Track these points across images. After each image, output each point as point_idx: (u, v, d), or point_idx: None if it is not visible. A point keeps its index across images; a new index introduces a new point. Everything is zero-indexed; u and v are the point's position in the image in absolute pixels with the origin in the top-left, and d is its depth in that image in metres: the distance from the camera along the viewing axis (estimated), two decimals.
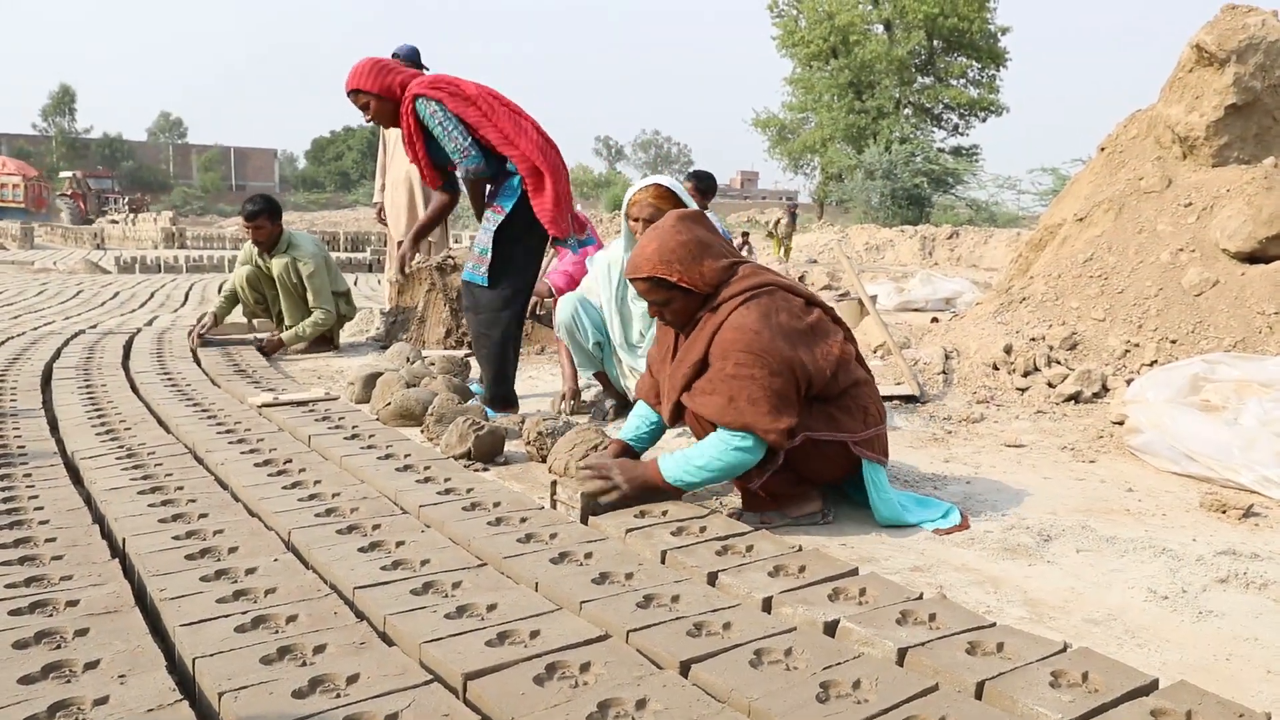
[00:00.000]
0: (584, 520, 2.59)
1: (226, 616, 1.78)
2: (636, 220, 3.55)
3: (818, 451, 2.65)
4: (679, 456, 2.61)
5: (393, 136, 7.15)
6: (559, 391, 4.40)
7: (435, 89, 3.98)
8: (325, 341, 6.33)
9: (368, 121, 4.22)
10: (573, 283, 5.53)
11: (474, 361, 5.50)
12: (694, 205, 3.57)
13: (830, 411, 2.66)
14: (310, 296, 6.05)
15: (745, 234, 24.01)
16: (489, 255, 4.09)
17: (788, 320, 2.59)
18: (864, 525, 2.73)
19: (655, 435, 2.93)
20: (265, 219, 5.94)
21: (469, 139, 3.98)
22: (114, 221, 30.93)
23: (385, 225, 7.58)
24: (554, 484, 2.76)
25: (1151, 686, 1.60)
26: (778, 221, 25.19)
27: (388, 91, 4.05)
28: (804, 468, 2.68)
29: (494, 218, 4.11)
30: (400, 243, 4.34)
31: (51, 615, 1.81)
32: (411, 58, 6.88)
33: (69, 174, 32.16)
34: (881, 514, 2.72)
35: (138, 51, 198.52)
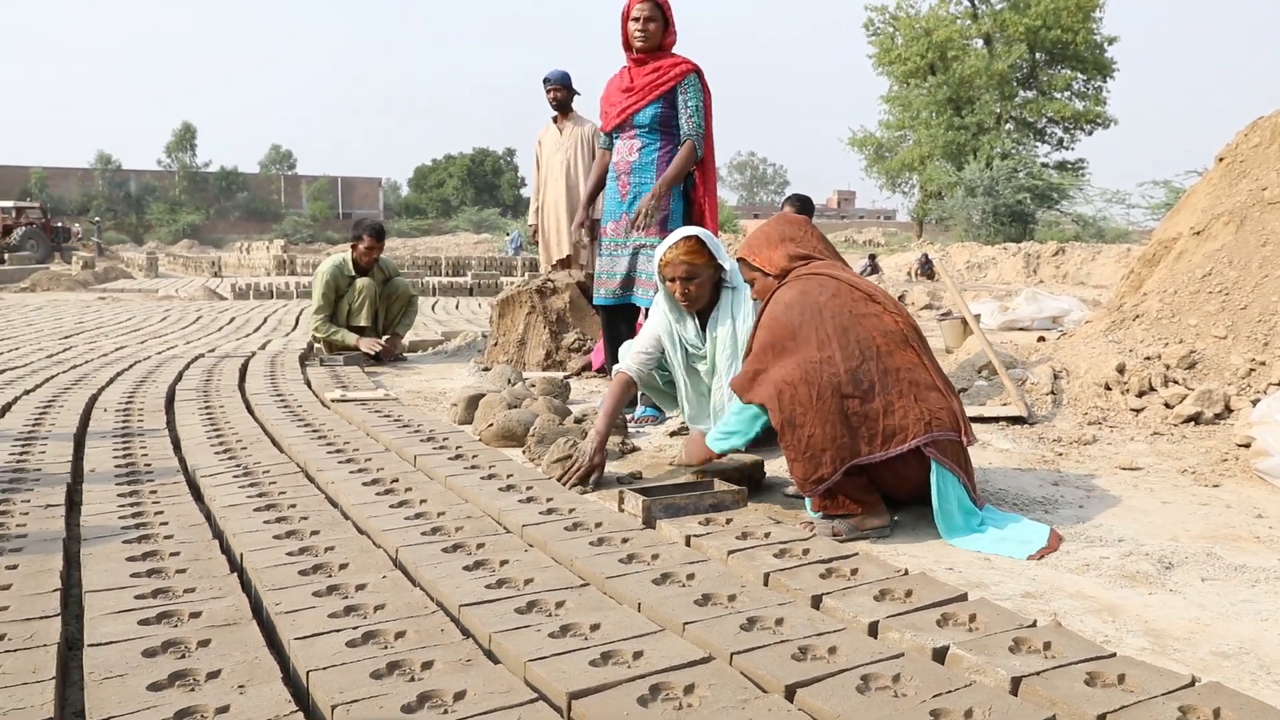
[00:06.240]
0: (648, 524, 2.72)
1: (338, 631, 1.83)
2: (672, 281, 3.40)
3: (886, 461, 2.68)
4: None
5: (545, 156, 7.04)
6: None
7: (705, 81, 4.64)
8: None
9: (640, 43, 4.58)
10: None
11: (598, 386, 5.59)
12: (725, 256, 3.52)
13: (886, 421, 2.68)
14: (401, 306, 7.23)
15: (872, 256, 23.75)
16: None
17: (826, 301, 2.77)
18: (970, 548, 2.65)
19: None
20: (384, 241, 7.07)
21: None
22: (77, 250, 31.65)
23: (537, 244, 7.29)
24: (620, 494, 2.91)
25: None
26: (911, 273, 22.89)
27: (672, 33, 4.59)
28: (877, 477, 2.72)
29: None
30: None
31: (176, 626, 1.89)
32: (564, 81, 6.90)
33: (8, 205, 33.99)
34: (943, 530, 2.70)
35: (250, 89, 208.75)
